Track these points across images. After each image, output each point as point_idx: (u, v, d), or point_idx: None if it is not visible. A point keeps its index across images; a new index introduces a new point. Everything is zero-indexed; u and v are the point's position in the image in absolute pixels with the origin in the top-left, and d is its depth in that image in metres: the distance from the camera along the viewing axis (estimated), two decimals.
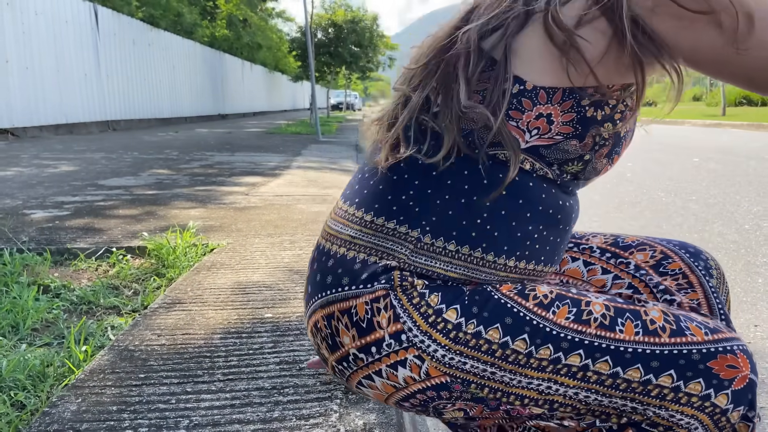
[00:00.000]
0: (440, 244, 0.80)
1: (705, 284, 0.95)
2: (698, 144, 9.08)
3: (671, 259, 0.97)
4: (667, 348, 0.76)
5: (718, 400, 0.75)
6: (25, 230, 3.10)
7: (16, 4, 10.94)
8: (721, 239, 3.22)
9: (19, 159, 7.09)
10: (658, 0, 0.70)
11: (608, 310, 0.78)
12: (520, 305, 0.78)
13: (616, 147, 0.85)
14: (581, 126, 0.79)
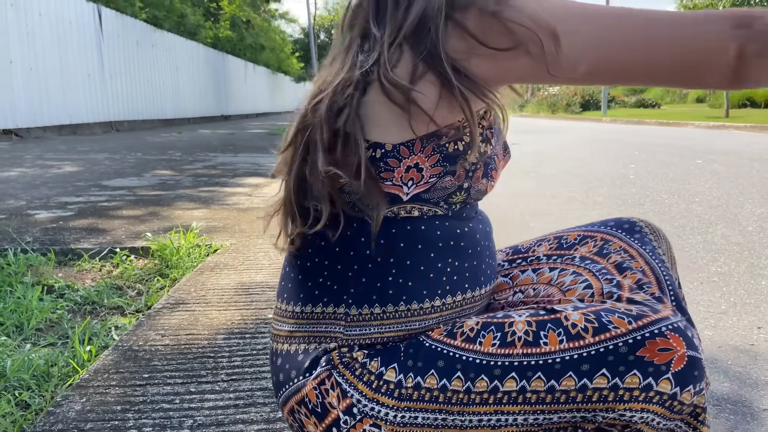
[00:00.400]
0: (367, 311, 0.84)
1: (644, 253, 0.95)
2: (701, 146, 9.06)
3: (611, 241, 0.98)
4: (593, 348, 0.74)
5: (662, 387, 0.73)
6: (29, 230, 3.11)
7: (20, 5, 10.97)
8: (724, 241, 3.22)
9: (23, 159, 7.11)
10: (470, 45, 0.75)
11: (530, 326, 0.78)
12: (448, 345, 0.80)
13: (490, 166, 0.87)
14: (448, 163, 0.82)
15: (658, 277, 0.91)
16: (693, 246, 3.14)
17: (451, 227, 0.86)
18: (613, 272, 0.92)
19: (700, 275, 2.65)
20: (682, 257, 2.94)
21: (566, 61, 0.74)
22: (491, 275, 0.92)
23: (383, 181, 0.82)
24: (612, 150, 8.74)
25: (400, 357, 0.81)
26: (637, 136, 11.51)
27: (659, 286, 0.89)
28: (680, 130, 13.56)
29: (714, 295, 2.39)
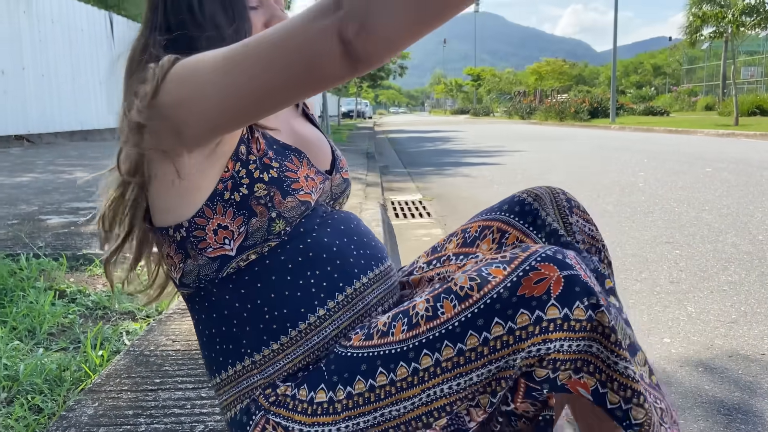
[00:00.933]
0: (267, 351, 0.88)
1: (535, 237, 0.98)
2: (711, 154, 9.02)
3: (507, 233, 1.01)
4: (481, 303, 0.77)
5: (551, 314, 0.74)
6: (42, 236, 3.14)
7: (33, 12, 11.10)
8: (734, 250, 3.20)
9: (35, 165, 7.17)
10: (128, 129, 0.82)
11: (429, 302, 0.81)
12: (366, 348, 0.84)
13: (285, 184, 0.89)
14: (244, 209, 0.86)
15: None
16: (703, 255, 3.13)
17: (293, 248, 0.90)
18: None
19: (710, 284, 2.64)
20: (692, 266, 2.93)
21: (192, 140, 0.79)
22: (368, 263, 0.95)
23: (204, 250, 0.87)
24: (621, 158, 8.72)
25: (324, 376, 0.85)
26: (646, 144, 11.48)
27: None
28: (689, 138, 13.51)
29: (724, 304, 2.38)
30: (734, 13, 16.62)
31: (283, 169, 0.89)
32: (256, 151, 0.88)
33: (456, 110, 72.56)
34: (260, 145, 0.89)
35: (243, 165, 0.86)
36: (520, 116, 34.46)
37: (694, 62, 45.42)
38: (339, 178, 1.03)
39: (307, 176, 0.93)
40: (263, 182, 0.87)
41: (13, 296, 2.18)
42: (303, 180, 0.91)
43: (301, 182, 0.91)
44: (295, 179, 0.90)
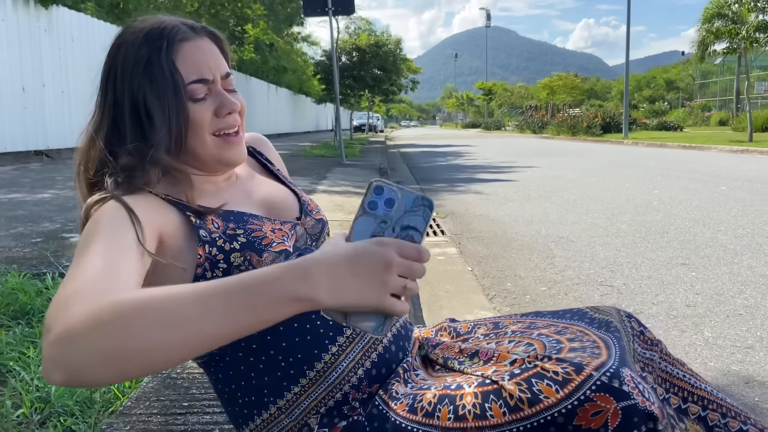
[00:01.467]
0: (290, 396, 0.92)
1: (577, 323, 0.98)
2: (725, 171, 8.99)
3: (536, 323, 1.03)
4: (534, 420, 0.76)
5: None
6: (65, 254, 3.21)
7: (53, 30, 11.33)
8: (750, 273, 3.21)
9: (55, 181, 7.30)
10: None
11: (476, 398, 0.81)
12: (410, 421, 0.84)
13: (255, 244, 0.92)
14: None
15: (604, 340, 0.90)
16: (719, 277, 3.13)
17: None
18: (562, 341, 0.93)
19: (726, 308, 2.64)
20: (708, 289, 2.94)
21: None
22: (336, 331, 0.95)
23: None
24: (634, 175, 8.71)
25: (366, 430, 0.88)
26: (660, 161, 11.45)
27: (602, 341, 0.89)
28: (703, 154, 13.46)
29: (740, 329, 2.39)
30: (748, 30, 16.59)
31: (248, 232, 0.93)
32: (215, 228, 0.91)
33: (467, 124, 72.64)
34: (217, 223, 0.92)
35: (211, 245, 0.89)
36: (531, 130, 34.47)
37: (707, 77, 45.26)
38: (311, 220, 1.07)
39: (273, 229, 0.96)
40: (236, 251, 0.90)
41: (41, 316, 2.24)
42: (270, 233, 0.95)
43: (269, 236, 0.94)
44: (263, 236, 0.93)
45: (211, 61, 0.94)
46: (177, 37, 0.92)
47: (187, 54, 0.92)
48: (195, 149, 0.93)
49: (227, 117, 0.95)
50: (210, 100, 0.94)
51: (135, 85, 0.90)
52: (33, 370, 1.78)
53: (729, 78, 38.63)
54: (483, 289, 3.04)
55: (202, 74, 0.92)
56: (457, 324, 1.14)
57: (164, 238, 0.87)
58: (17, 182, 7.17)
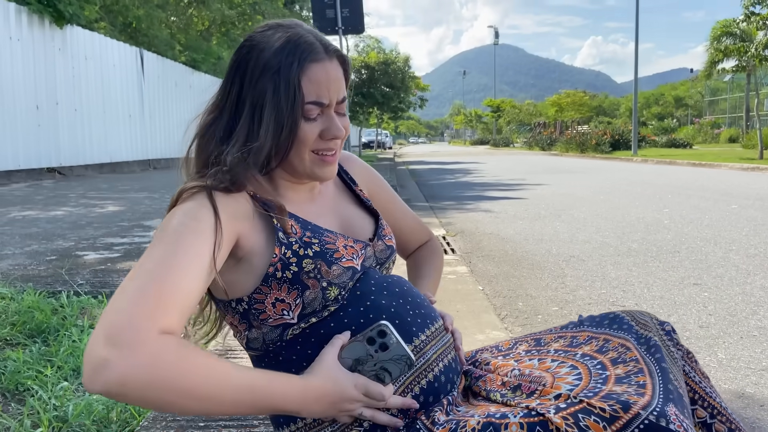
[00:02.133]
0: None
1: (619, 333, 1.01)
2: (736, 189, 8.96)
3: (579, 336, 1.06)
4: None
5: None
6: (80, 272, 3.24)
7: (67, 49, 11.52)
8: (763, 293, 3.19)
9: (68, 198, 7.37)
10: None
11: (522, 428, 0.83)
12: None
13: (327, 255, 0.96)
14: (298, 284, 0.94)
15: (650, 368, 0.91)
16: (732, 298, 3.12)
17: (354, 311, 0.97)
18: (606, 365, 0.95)
19: (739, 329, 2.63)
20: (721, 309, 2.93)
21: None
22: (424, 320, 1.02)
23: (266, 321, 0.96)
24: (644, 193, 8.69)
25: None
26: (670, 178, 11.43)
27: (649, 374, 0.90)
28: (714, 172, 13.41)
29: (754, 350, 2.38)
30: (757, 48, 16.60)
31: (322, 243, 0.97)
32: (293, 233, 0.96)
33: (476, 141, 72.79)
34: (296, 228, 0.97)
35: (287, 247, 0.94)
36: (540, 147, 34.49)
37: (716, 94, 45.22)
38: (382, 245, 1.10)
39: (346, 245, 1.00)
40: (309, 258, 0.94)
41: (57, 335, 2.27)
42: (342, 249, 0.98)
43: (341, 251, 0.98)
44: (335, 249, 0.97)
45: (332, 85, 0.98)
46: (309, 57, 0.96)
47: (313, 75, 0.96)
48: (292, 161, 0.99)
49: (330, 141, 1.00)
50: (320, 121, 0.98)
51: (259, 89, 0.96)
52: (50, 389, 1.80)
53: (738, 95, 38.59)
54: (494, 308, 3.04)
55: (321, 97, 0.97)
56: (498, 344, 1.18)
57: (244, 236, 0.93)
58: (31, 199, 7.26)
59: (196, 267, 0.83)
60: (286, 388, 0.84)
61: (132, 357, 0.72)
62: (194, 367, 0.76)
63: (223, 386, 0.78)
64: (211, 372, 0.78)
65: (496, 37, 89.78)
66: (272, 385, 0.83)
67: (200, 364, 0.77)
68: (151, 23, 17.24)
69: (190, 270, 0.82)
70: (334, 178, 1.15)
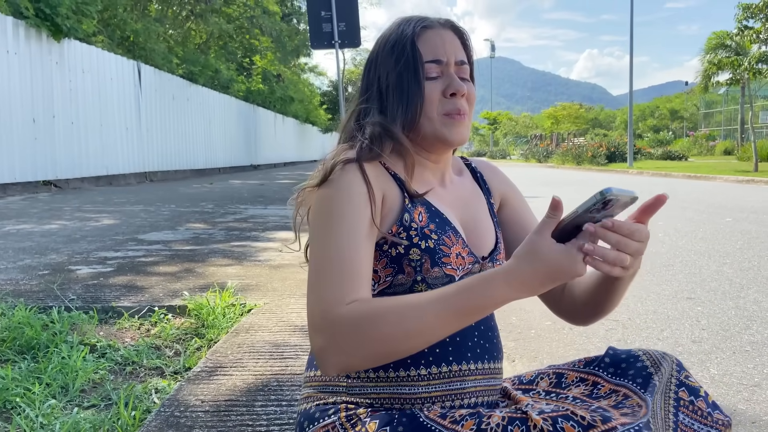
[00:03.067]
0: (364, 375, 0.98)
1: (633, 387, 0.96)
2: (731, 202, 8.98)
3: (600, 385, 1.01)
4: None
5: None
6: (72, 287, 3.23)
7: (64, 63, 11.56)
8: (756, 307, 3.19)
9: (62, 212, 7.36)
10: None
11: (503, 420, 0.86)
12: (437, 424, 0.89)
13: (437, 256, 0.98)
14: (396, 264, 0.98)
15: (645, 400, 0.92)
16: (725, 312, 3.12)
17: None
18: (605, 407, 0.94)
19: (732, 344, 2.63)
20: (714, 324, 2.93)
21: None
22: (482, 354, 1.00)
23: None
24: (639, 205, 8.70)
25: (393, 422, 0.91)
26: (665, 190, 11.39)
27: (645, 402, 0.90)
28: (709, 184, 13.46)
29: (747, 366, 2.38)
30: (750, 61, 16.74)
31: (440, 242, 0.99)
32: (419, 220, 0.99)
33: (473, 153, 72.99)
34: (423, 217, 0.99)
35: (405, 230, 0.98)
36: (536, 159, 34.60)
37: (711, 106, 45.49)
38: (491, 267, 1.07)
39: (459, 254, 1.01)
40: (419, 248, 0.97)
41: (47, 351, 2.25)
42: (454, 256, 1.00)
43: (451, 257, 0.99)
44: (447, 254, 0.99)
45: (448, 46, 1.04)
46: (422, 24, 1.04)
47: (429, 38, 1.03)
48: (423, 126, 1.02)
49: (453, 99, 1.03)
50: (441, 80, 1.03)
51: (384, 66, 1.04)
52: (38, 407, 1.79)
53: (733, 107, 38.83)
54: None
55: (437, 55, 1.02)
56: (521, 375, 1.16)
57: (385, 197, 0.99)
58: (26, 213, 7.24)
59: (362, 239, 0.91)
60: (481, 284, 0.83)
61: (337, 337, 0.84)
62: (386, 313, 0.83)
63: (419, 314, 0.83)
64: (401, 309, 0.84)
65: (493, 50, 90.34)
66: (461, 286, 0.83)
67: (389, 307, 0.84)
68: (149, 37, 17.31)
69: (358, 244, 0.90)
70: (472, 181, 1.18)
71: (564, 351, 2.59)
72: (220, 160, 20.75)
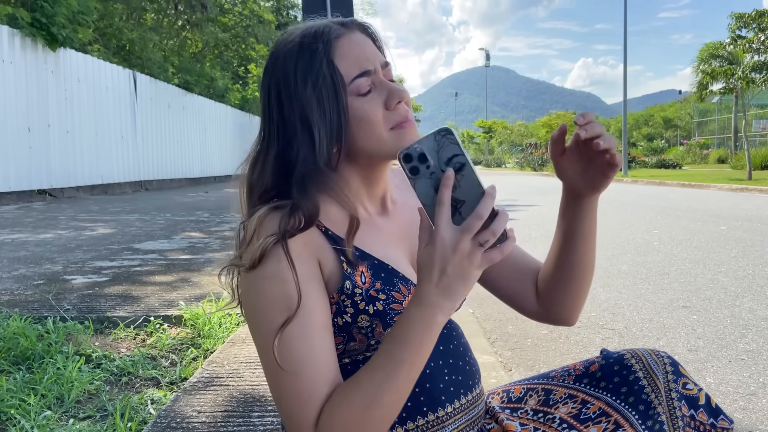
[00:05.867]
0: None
1: (626, 413, 0.91)
2: (725, 210, 9.03)
3: (590, 403, 0.96)
4: None
5: None
6: (67, 297, 3.22)
7: (60, 72, 11.56)
8: (752, 316, 3.20)
9: (58, 221, 7.34)
10: None
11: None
12: None
13: (387, 318, 0.88)
14: (345, 333, 0.89)
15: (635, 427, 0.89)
16: (720, 321, 3.13)
17: None
18: None
19: (728, 353, 2.64)
20: (710, 333, 2.93)
21: None
22: (457, 390, 0.94)
23: None
24: (634, 214, 8.74)
25: None
26: (660, 199, 11.50)
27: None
28: (703, 193, 13.52)
29: (742, 374, 2.38)
30: (743, 70, 16.87)
31: (389, 300, 0.89)
32: (361, 284, 0.87)
33: None
34: (365, 278, 0.88)
35: (348, 297, 0.87)
36: (532, 168, 34.70)
37: (705, 115, 45.76)
38: None
39: None
40: (367, 314, 0.87)
41: (42, 362, 2.24)
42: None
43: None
44: (398, 310, 0.89)
45: (368, 50, 0.89)
46: (332, 36, 0.87)
47: (344, 50, 0.87)
48: (370, 148, 0.88)
49: (398, 107, 0.89)
50: (376, 93, 0.88)
51: (300, 98, 0.86)
52: (33, 418, 1.78)
53: (727, 116, 39.06)
54: (484, 332, 3.03)
55: (363, 66, 0.87)
56: (510, 388, 1.09)
57: (322, 264, 0.87)
58: (20, 222, 7.22)
59: (315, 331, 0.82)
60: (401, 320, 0.78)
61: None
62: (352, 399, 0.78)
63: (377, 383, 0.77)
64: (360, 389, 0.78)
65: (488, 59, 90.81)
66: (392, 332, 0.78)
67: (349, 391, 0.79)
68: (145, 46, 17.34)
69: (313, 342, 0.81)
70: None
71: (561, 360, 2.59)
72: (216, 169, 20.74)
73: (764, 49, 16.24)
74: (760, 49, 16.52)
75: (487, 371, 2.27)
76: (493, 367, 2.37)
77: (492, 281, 1.12)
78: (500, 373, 2.29)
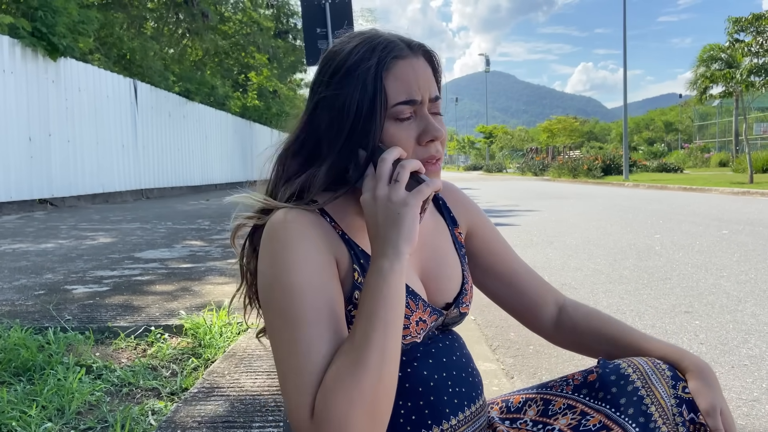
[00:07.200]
0: None
1: (626, 426, 0.90)
2: (727, 214, 9.01)
3: (589, 415, 0.94)
4: None
5: None
6: (68, 307, 3.21)
7: (61, 81, 11.59)
8: (754, 321, 3.19)
9: (59, 230, 7.34)
10: None
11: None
12: None
13: None
14: None
15: None
16: (723, 326, 3.12)
17: None
18: None
19: (731, 359, 2.62)
20: (712, 338, 2.92)
21: None
22: (461, 402, 0.93)
23: None
24: (636, 218, 8.73)
25: None
26: (661, 203, 11.49)
27: None
28: (704, 196, 13.51)
29: (745, 380, 2.37)
30: (743, 74, 16.89)
31: None
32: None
33: (469, 166, 73.26)
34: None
35: (356, 308, 0.86)
36: (533, 173, 34.71)
37: (705, 118, 45.79)
38: (457, 312, 1.01)
39: (420, 319, 0.92)
40: None
41: (43, 373, 2.24)
42: (414, 325, 0.91)
43: (411, 328, 0.90)
44: (406, 325, 0.88)
45: (422, 80, 0.88)
46: (392, 54, 0.87)
47: (400, 72, 0.86)
48: None
49: (430, 145, 0.88)
50: (414, 123, 0.88)
51: (338, 94, 0.87)
52: (34, 430, 1.77)
53: (727, 119, 39.09)
54: (486, 339, 3.02)
55: (411, 95, 0.86)
56: (510, 398, 1.09)
57: (338, 262, 0.88)
58: (22, 231, 7.22)
59: (325, 319, 0.81)
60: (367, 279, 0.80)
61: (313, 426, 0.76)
62: (340, 363, 0.77)
63: (357, 343, 0.76)
64: (343, 352, 0.78)
65: (488, 65, 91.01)
66: (360, 296, 0.80)
67: (339, 367, 0.77)
68: (146, 54, 17.40)
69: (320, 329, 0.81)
70: (433, 212, 1.05)
71: (563, 367, 2.58)
72: (217, 177, 20.77)
73: (763, 52, 16.26)
74: (759, 52, 16.54)
75: (489, 379, 2.26)
76: (495, 374, 2.36)
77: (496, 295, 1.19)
78: (502, 381, 2.28)
